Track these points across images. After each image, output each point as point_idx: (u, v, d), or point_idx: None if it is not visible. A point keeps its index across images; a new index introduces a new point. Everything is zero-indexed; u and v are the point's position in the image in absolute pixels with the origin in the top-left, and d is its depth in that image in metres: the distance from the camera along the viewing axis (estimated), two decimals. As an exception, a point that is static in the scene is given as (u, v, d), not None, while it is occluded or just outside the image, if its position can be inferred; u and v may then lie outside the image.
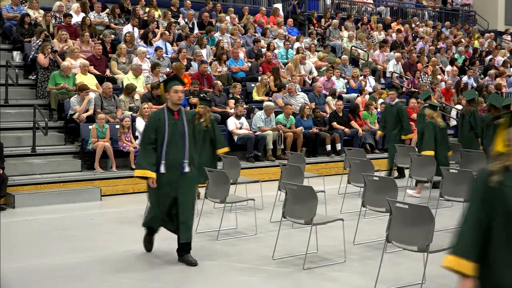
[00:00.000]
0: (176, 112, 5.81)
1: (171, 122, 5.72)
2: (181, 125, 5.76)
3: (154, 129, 5.72)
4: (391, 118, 11.11)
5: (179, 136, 5.73)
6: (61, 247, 6.59)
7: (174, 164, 5.72)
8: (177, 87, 5.78)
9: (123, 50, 12.33)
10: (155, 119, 5.76)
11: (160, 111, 5.87)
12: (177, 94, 5.76)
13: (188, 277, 5.59)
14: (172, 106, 5.81)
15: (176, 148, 5.71)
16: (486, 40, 21.35)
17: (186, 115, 5.86)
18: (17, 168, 9.39)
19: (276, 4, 18.63)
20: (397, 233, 4.92)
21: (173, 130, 5.72)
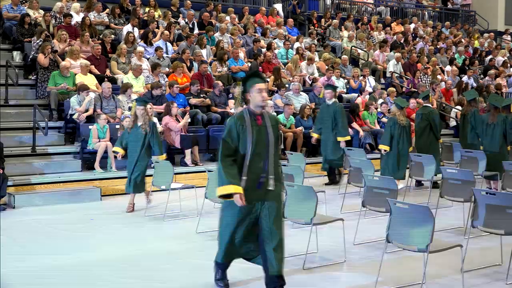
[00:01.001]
0: (260, 116, 4.86)
1: (255, 129, 4.78)
2: (265, 132, 4.82)
3: (235, 138, 4.76)
4: (328, 119, 10.35)
5: (263, 146, 4.79)
6: (61, 247, 6.58)
7: (256, 179, 4.77)
8: (260, 85, 4.81)
9: (123, 50, 12.33)
10: (236, 126, 4.78)
11: (241, 115, 4.85)
12: (261, 94, 4.80)
13: (188, 277, 5.58)
14: (255, 109, 4.85)
15: (260, 161, 4.77)
16: (486, 40, 21.36)
17: (270, 119, 4.91)
18: (17, 168, 9.38)
19: (276, 4, 18.64)
20: (397, 233, 4.92)
21: (258, 138, 4.78)
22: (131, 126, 8.33)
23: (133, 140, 8.25)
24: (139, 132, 8.21)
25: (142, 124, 8.21)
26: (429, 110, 10.35)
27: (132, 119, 8.39)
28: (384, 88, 15.08)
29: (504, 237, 5.73)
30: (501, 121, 9.83)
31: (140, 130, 8.21)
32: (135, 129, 8.24)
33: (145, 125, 8.21)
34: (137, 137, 8.23)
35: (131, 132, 8.28)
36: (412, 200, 9.03)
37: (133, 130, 8.26)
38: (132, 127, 8.28)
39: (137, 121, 8.28)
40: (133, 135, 8.25)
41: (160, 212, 8.13)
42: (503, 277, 5.45)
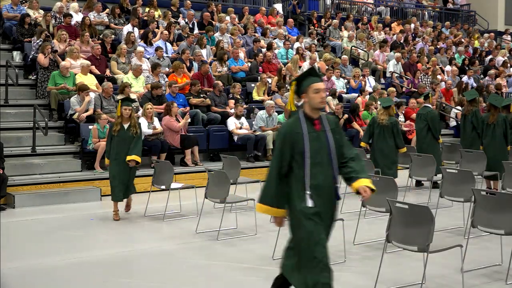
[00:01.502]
0: (317, 120, 4.23)
1: (312, 136, 4.17)
2: (325, 138, 4.20)
3: (290, 147, 4.15)
4: None
5: (324, 154, 4.18)
6: (61, 247, 6.59)
7: (323, 193, 4.15)
8: (318, 85, 4.20)
9: (123, 50, 12.33)
10: (291, 133, 4.17)
11: (295, 121, 4.22)
12: (319, 95, 4.18)
13: (188, 277, 5.59)
14: (312, 112, 4.21)
15: (322, 171, 4.15)
16: (486, 40, 21.36)
17: (329, 123, 4.29)
18: (17, 168, 9.39)
19: (276, 4, 18.64)
20: (397, 233, 4.92)
21: (316, 146, 4.16)
22: (117, 129, 7.82)
23: (121, 143, 7.77)
24: (128, 136, 7.77)
25: (131, 126, 7.81)
26: (428, 110, 10.35)
27: (119, 121, 7.85)
28: (384, 88, 15.07)
29: (504, 237, 5.73)
30: (501, 121, 9.84)
31: (129, 133, 7.78)
32: (123, 132, 7.79)
33: (134, 128, 7.82)
34: (125, 140, 7.76)
35: (118, 135, 7.80)
36: (412, 200, 9.04)
37: (120, 133, 7.80)
38: (119, 130, 7.80)
39: (123, 123, 7.84)
40: (120, 138, 7.79)
41: (160, 212, 8.13)
42: (503, 277, 5.45)
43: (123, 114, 7.84)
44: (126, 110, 7.85)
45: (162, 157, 10.09)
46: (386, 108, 9.70)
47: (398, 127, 9.69)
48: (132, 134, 7.79)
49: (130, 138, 7.79)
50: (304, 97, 4.23)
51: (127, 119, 7.85)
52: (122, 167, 7.83)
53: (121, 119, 7.85)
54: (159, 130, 10.42)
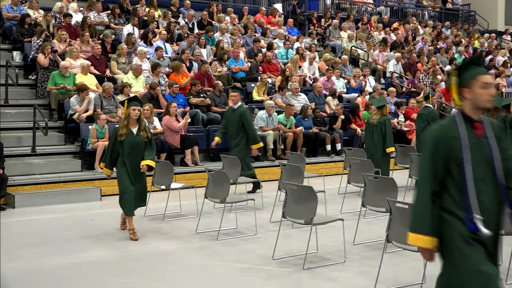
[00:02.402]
0: (479, 124, 3.39)
1: (473, 142, 3.33)
2: (488, 147, 3.33)
3: (444, 156, 3.33)
4: (232, 124, 9.54)
5: (486, 168, 3.31)
6: (61, 247, 6.59)
7: (490, 220, 3.30)
8: (486, 78, 3.36)
9: (123, 50, 12.33)
10: (445, 138, 3.35)
11: (450, 122, 3.42)
12: (488, 92, 3.36)
13: (188, 278, 5.59)
14: (473, 112, 3.39)
15: (486, 189, 3.28)
16: (486, 40, 21.36)
17: (492, 127, 3.41)
18: (17, 168, 9.39)
19: (276, 4, 18.64)
20: (397, 233, 4.92)
21: (478, 156, 3.31)
22: (124, 133, 6.82)
23: (131, 150, 6.82)
24: (138, 141, 6.83)
25: (141, 131, 6.86)
26: (429, 110, 10.35)
27: (125, 124, 6.86)
28: (384, 88, 15.08)
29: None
30: (501, 120, 9.84)
31: (139, 138, 6.83)
32: (132, 137, 6.81)
33: (144, 132, 6.88)
34: (135, 146, 6.83)
35: (127, 140, 6.80)
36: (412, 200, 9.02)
37: (129, 138, 6.80)
38: (127, 135, 6.82)
39: (130, 126, 6.86)
40: (129, 144, 6.81)
41: (160, 212, 8.13)
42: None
43: (131, 115, 6.77)
44: (135, 111, 6.79)
45: (162, 157, 10.09)
46: (379, 108, 9.71)
47: (387, 126, 9.64)
48: (143, 139, 6.84)
49: (141, 143, 6.82)
50: (466, 92, 3.38)
51: (134, 122, 6.85)
52: (134, 176, 6.88)
53: (127, 121, 6.84)
54: (159, 130, 10.42)
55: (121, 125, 6.90)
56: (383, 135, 9.54)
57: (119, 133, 6.83)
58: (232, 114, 9.56)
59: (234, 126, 9.51)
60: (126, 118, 6.87)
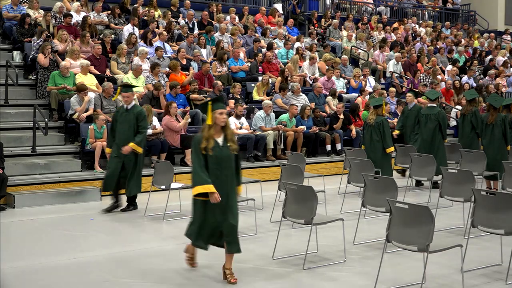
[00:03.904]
0: None
1: None
2: None
3: None
4: (124, 126, 8.30)
5: None
6: (61, 247, 6.58)
7: None
8: None
9: (124, 50, 12.32)
10: None
11: None
12: None
13: (188, 278, 5.58)
14: None
15: None
16: (486, 40, 21.36)
17: None
18: (17, 168, 9.38)
19: (276, 4, 18.64)
20: (397, 233, 4.92)
21: None
22: (211, 145, 5.24)
23: (218, 167, 5.32)
24: (226, 154, 5.29)
25: (229, 140, 5.31)
26: (437, 110, 10.21)
27: (211, 134, 5.30)
28: (384, 88, 15.08)
29: (504, 237, 5.73)
30: (500, 121, 9.84)
31: (227, 151, 5.28)
32: (218, 150, 5.25)
33: (232, 142, 5.33)
34: (224, 160, 5.31)
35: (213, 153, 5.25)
36: (412, 200, 9.04)
37: (215, 151, 5.24)
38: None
39: (215, 136, 5.30)
40: (215, 158, 5.27)
41: (160, 212, 8.13)
42: (503, 277, 5.45)
43: (218, 121, 5.24)
44: (222, 115, 5.30)
45: (162, 157, 10.09)
46: (376, 108, 9.71)
47: (385, 126, 9.63)
48: (232, 152, 5.33)
49: (230, 158, 5.32)
50: None
51: (220, 131, 5.29)
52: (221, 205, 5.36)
53: (213, 129, 5.27)
54: (159, 130, 10.42)
55: (206, 135, 5.21)
56: (382, 135, 9.55)
57: (202, 145, 5.19)
58: (126, 114, 8.25)
59: (125, 128, 8.20)
60: (211, 125, 5.22)
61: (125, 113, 8.29)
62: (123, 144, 8.15)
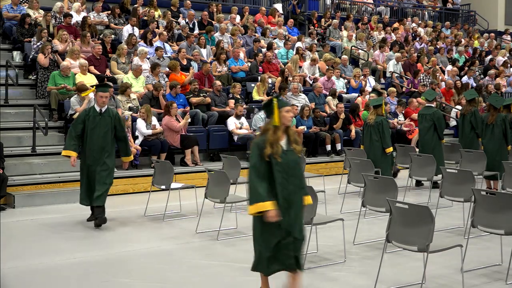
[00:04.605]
0: None
1: None
2: None
3: None
4: (99, 131, 7.62)
5: None
6: (61, 247, 6.59)
7: None
8: None
9: (124, 50, 12.32)
10: None
11: None
12: None
13: (188, 277, 5.59)
14: None
15: None
16: (486, 40, 21.36)
17: None
18: (17, 168, 9.38)
19: (276, 4, 18.64)
20: (397, 233, 4.92)
21: None
22: (279, 150, 4.51)
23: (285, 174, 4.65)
24: (292, 159, 4.57)
25: (292, 142, 4.60)
26: (433, 110, 10.27)
27: (278, 137, 4.50)
28: (384, 88, 15.08)
29: (504, 237, 5.73)
30: (500, 121, 9.84)
31: (292, 155, 4.56)
32: (283, 155, 4.51)
33: (296, 144, 4.64)
34: (291, 167, 4.59)
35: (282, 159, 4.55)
36: (412, 200, 9.04)
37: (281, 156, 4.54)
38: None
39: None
40: (283, 165, 4.57)
41: (160, 212, 8.13)
42: (503, 277, 5.45)
43: (284, 120, 4.48)
44: (289, 113, 4.58)
45: (162, 157, 10.09)
46: (375, 108, 9.72)
47: (384, 126, 9.63)
48: (297, 156, 4.65)
49: (297, 163, 4.61)
50: None
51: (283, 132, 4.56)
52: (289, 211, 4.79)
53: (280, 131, 4.53)
54: (158, 130, 10.42)
55: (272, 138, 4.44)
56: (381, 135, 9.55)
57: (267, 152, 4.41)
58: (101, 118, 7.41)
59: (101, 134, 7.41)
60: (278, 126, 4.48)
61: (98, 117, 7.37)
62: (98, 152, 7.33)
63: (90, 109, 7.56)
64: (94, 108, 7.49)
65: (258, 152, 4.42)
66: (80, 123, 7.43)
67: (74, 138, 7.40)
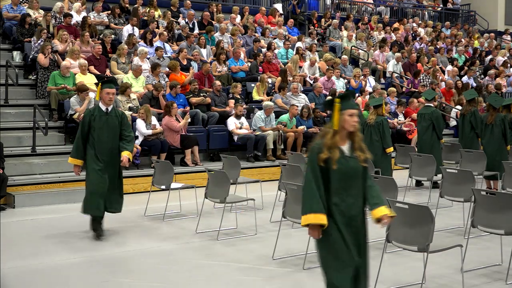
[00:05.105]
0: None
1: None
2: None
3: None
4: (108, 130, 7.13)
5: None
6: (61, 247, 6.58)
7: None
8: None
9: (124, 50, 12.32)
10: None
11: None
12: None
13: (188, 277, 5.58)
14: None
15: None
16: (486, 40, 21.36)
17: None
18: (17, 168, 9.38)
19: (276, 4, 18.65)
20: (397, 233, 4.92)
21: None
22: (336, 157, 4.06)
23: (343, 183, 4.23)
24: (353, 166, 4.07)
25: (356, 149, 4.10)
26: (432, 110, 10.30)
27: (336, 141, 4.04)
28: (384, 88, 15.08)
29: (504, 237, 5.73)
30: (500, 121, 9.84)
31: (354, 163, 4.04)
32: (343, 161, 4.02)
33: (361, 152, 4.12)
34: (352, 176, 4.13)
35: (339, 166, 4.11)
36: (412, 200, 9.03)
37: (340, 163, 4.04)
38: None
39: (339, 144, 4.13)
40: (341, 172, 4.15)
41: (160, 212, 8.13)
42: (503, 277, 5.45)
43: (347, 125, 4.01)
44: (353, 117, 4.08)
45: (162, 157, 10.09)
46: (376, 108, 9.73)
47: (385, 126, 9.63)
48: (361, 164, 4.06)
49: (358, 171, 4.04)
50: None
51: (345, 137, 4.07)
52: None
53: (338, 135, 4.07)
54: (158, 130, 10.42)
55: (329, 142, 3.99)
56: (382, 135, 9.56)
57: (323, 156, 3.95)
58: (107, 118, 6.84)
59: (109, 135, 6.86)
60: (337, 130, 4.01)
61: (105, 116, 6.79)
62: (107, 154, 6.78)
63: (94, 109, 6.87)
64: (99, 107, 6.82)
65: (314, 156, 3.97)
66: (85, 126, 6.75)
67: (82, 144, 6.79)
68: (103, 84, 6.89)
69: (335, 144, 3.95)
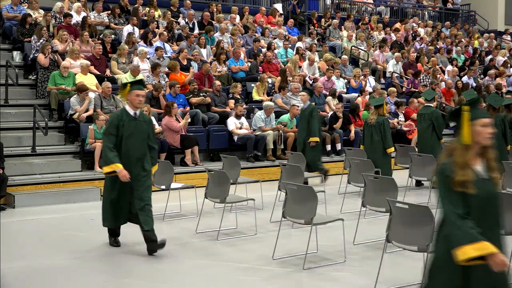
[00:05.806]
0: None
1: None
2: None
3: None
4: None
5: None
6: (61, 247, 6.58)
7: None
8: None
9: (124, 50, 12.32)
10: None
11: None
12: None
13: (188, 277, 5.59)
14: None
15: None
16: (486, 40, 21.37)
17: None
18: (17, 168, 9.38)
19: (276, 4, 18.65)
20: (397, 233, 4.92)
21: None
22: (469, 179, 3.52)
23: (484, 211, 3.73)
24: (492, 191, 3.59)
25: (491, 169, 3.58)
26: (432, 110, 10.31)
27: (467, 159, 3.42)
28: (384, 88, 15.08)
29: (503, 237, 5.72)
30: (499, 121, 9.84)
31: (491, 187, 3.53)
32: (481, 184, 3.45)
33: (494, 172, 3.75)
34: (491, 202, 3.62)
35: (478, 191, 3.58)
36: (412, 200, 9.03)
37: (481, 187, 3.47)
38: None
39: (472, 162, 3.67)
40: (481, 197, 3.62)
41: (160, 212, 8.13)
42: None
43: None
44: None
45: (162, 157, 10.08)
46: (377, 108, 9.73)
47: (386, 126, 9.63)
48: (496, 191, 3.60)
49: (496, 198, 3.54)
50: None
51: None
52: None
53: (470, 152, 3.44)
54: (158, 130, 10.42)
55: (461, 160, 3.35)
56: (382, 135, 9.56)
57: (458, 178, 3.30)
58: (136, 123, 6.21)
59: (139, 141, 6.27)
60: (469, 144, 3.37)
61: (133, 122, 6.20)
62: (134, 164, 6.16)
63: (122, 113, 6.22)
64: (127, 112, 6.17)
65: (446, 179, 3.30)
66: (116, 130, 6.10)
67: (113, 148, 6.06)
68: (132, 85, 6.18)
69: (468, 163, 3.31)
